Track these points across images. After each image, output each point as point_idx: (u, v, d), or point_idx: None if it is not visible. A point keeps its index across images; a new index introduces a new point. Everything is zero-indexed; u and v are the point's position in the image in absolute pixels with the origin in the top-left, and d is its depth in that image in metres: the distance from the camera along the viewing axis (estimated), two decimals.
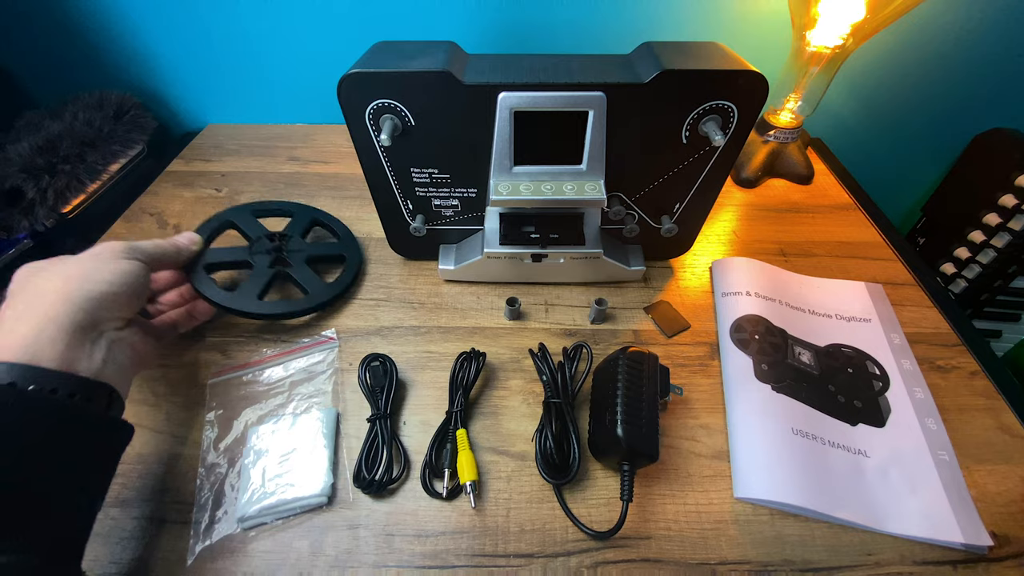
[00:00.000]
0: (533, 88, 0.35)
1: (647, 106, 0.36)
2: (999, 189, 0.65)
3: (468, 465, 0.34)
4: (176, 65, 0.68)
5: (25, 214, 0.52)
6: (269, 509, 0.33)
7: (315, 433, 0.37)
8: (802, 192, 0.62)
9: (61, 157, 0.54)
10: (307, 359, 0.42)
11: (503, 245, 0.44)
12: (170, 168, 0.65)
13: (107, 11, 0.62)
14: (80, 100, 0.60)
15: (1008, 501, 0.34)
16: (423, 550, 0.32)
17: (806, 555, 0.32)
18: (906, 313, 0.47)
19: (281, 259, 0.46)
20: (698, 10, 0.61)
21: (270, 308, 0.43)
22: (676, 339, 0.45)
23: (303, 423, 0.37)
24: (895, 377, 0.41)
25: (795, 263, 0.52)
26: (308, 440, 0.36)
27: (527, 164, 0.39)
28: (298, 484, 0.34)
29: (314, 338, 0.44)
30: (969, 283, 0.72)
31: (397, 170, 0.41)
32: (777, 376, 0.40)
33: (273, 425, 0.37)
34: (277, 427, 0.37)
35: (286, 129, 0.72)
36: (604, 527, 0.32)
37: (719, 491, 0.35)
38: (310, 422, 0.37)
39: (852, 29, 0.51)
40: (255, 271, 0.44)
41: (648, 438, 0.32)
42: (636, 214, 0.45)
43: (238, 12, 0.62)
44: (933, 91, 0.68)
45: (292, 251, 0.47)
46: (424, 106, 0.36)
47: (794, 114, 0.60)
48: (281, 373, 0.41)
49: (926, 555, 0.32)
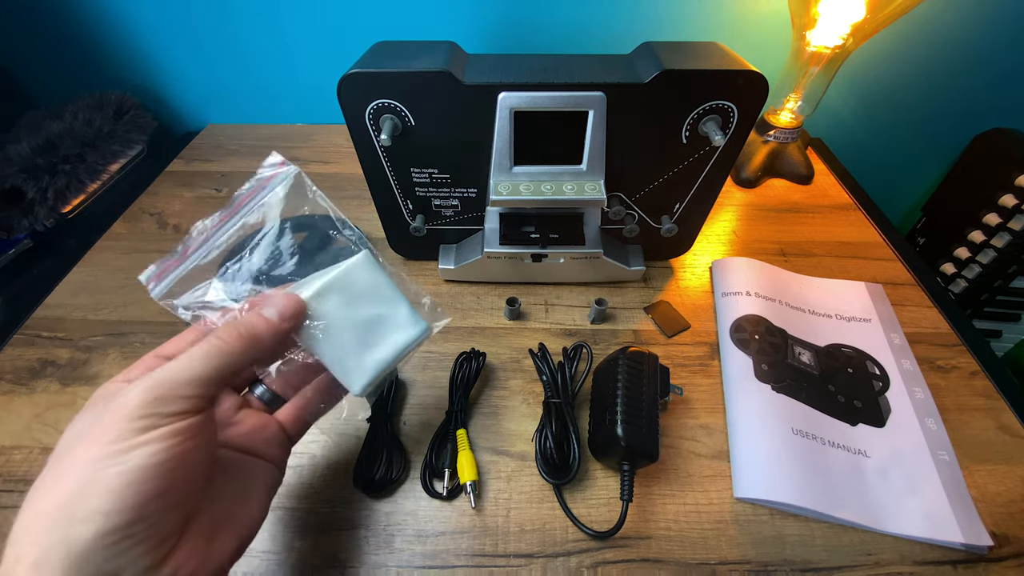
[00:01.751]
0: (533, 88, 0.35)
1: (647, 106, 0.36)
2: (999, 189, 0.65)
3: (468, 465, 0.34)
4: (176, 65, 0.68)
5: (25, 214, 0.52)
6: (383, 363, 0.27)
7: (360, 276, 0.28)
8: (802, 192, 0.62)
9: (61, 157, 0.54)
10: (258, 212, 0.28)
11: (503, 245, 0.44)
12: (170, 168, 0.65)
13: (107, 11, 0.63)
14: (80, 100, 0.60)
15: (1008, 501, 0.34)
16: (423, 550, 0.32)
17: (806, 555, 0.32)
18: (906, 313, 0.47)
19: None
20: (698, 10, 0.61)
21: None
22: (676, 339, 0.45)
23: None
24: (895, 377, 0.41)
25: (795, 263, 0.52)
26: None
27: (527, 164, 0.39)
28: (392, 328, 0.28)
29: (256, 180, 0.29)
30: (969, 283, 0.72)
31: (397, 170, 0.41)
32: (777, 376, 0.40)
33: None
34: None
35: (286, 129, 0.72)
36: (604, 527, 0.32)
37: (719, 491, 0.35)
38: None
39: (852, 29, 0.51)
40: None
41: (648, 438, 0.32)
42: (636, 214, 0.45)
43: (238, 12, 0.62)
44: (933, 91, 0.68)
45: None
46: (424, 106, 0.36)
47: (794, 114, 0.60)
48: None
49: (926, 555, 0.32)
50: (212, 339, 0.21)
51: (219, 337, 0.22)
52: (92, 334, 0.44)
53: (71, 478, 0.18)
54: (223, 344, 0.21)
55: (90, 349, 0.43)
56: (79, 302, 0.47)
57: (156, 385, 0.20)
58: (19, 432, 0.37)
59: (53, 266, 0.51)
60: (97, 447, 0.18)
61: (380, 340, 0.27)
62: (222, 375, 0.21)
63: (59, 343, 0.43)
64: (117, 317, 0.46)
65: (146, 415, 0.19)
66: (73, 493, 0.18)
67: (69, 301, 0.47)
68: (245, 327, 0.22)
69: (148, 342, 0.43)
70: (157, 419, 0.19)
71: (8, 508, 0.34)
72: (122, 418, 0.19)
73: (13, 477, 0.35)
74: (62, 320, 0.45)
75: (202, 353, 0.21)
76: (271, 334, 0.23)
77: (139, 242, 0.54)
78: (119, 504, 0.17)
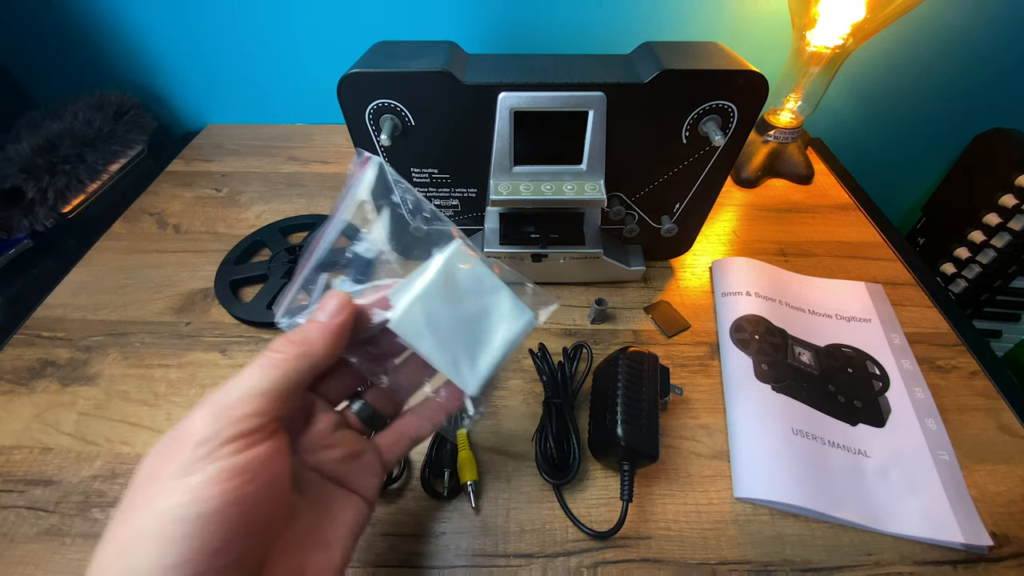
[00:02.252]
0: (533, 88, 0.35)
1: (647, 106, 0.36)
2: (999, 189, 0.65)
3: (468, 465, 0.34)
4: (176, 65, 0.68)
5: (25, 214, 0.52)
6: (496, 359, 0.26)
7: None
8: (802, 192, 0.62)
9: (61, 157, 0.54)
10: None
11: (503, 245, 0.44)
12: (170, 168, 0.65)
13: (107, 11, 0.63)
14: (80, 100, 0.60)
15: (1008, 501, 0.34)
16: (423, 550, 0.32)
17: (806, 555, 0.32)
18: (906, 313, 0.47)
19: (294, 269, 0.48)
20: (698, 10, 0.61)
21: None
22: (676, 339, 0.45)
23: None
24: (895, 377, 0.41)
25: (795, 263, 0.52)
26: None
27: (527, 164, 0.39)
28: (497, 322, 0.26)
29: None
30: (969, 283, 0.72)
31: (397, 170, 0.41)
32: (777, 376, 0.40)
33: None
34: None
35: (286, 129, 0.72)
36: (604, 527, 0.32)
37: (719, 491, 0.35)
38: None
39: (852, 29, 0.51)
40: (269, 283, 0.47)
41: (648, 438, 0.32)
42: (636, 214, 0.45)
43: (238, 12, 0.62)
44: (933, 91, 0.68)
45: None
46: (424, 106, 0.36)
47: (794, 114, 0.60)
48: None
49: (926, 555, 0.32)
50: (265, 352, 0.20)
51: (272, 349, 0.21)
52: (92, 334, 0.44)
53: (134, 518, 0.17)
54: (275, 354, 0.20)
55: (90, 349, 0.43)
56: (79, 302, 0.47)
57: (213, 406, 0.18)
58: (19, 432, 0.37)
59: (53, 266, 0.51)
60: (160, 482, 0.17)
61: (488, 335, 0.26)
62: (278, 387, 0.20)
63: (59, 343, 0.43)
64: (117, 317, 0.46)
65: (205, 440, 0.18)
66: (133, 538, 0.17)
67: (69, 301, 0.47)
68: (296, 334, 0.21)
69: (148, 342, 0.43)
70: (216, 446, 0.18)
71: (8, 508, 0.34)
72: (185, 446, 0.18)
73: (13, 477, 0.35)
74: (62, 320, 0.45)
75: (256, 367, 0.20)
76: (321, 334, 0.21)
77: (139, 242, 0.54)
78: (175, 559, 0.16)
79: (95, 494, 0.34)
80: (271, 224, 0.54)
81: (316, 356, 0.21)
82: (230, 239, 0.52)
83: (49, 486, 0.35)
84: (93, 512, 0.33)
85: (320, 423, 0.24)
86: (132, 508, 0.17)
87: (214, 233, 0.55)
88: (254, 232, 0.53)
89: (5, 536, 0.32)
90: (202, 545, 0.16)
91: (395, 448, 0.26)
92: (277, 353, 0.20)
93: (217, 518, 0.17)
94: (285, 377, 0.20)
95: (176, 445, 0.18)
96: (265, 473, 0.19)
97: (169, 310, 0.46)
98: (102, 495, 0.34)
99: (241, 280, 0.48)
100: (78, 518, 0.33)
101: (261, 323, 0.44)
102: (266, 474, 0.19)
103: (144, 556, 0.16)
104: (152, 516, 0.17)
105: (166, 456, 0.18)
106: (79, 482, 0.35)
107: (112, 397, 0.40)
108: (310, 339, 0.21)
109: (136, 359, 0.42)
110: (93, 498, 0.34)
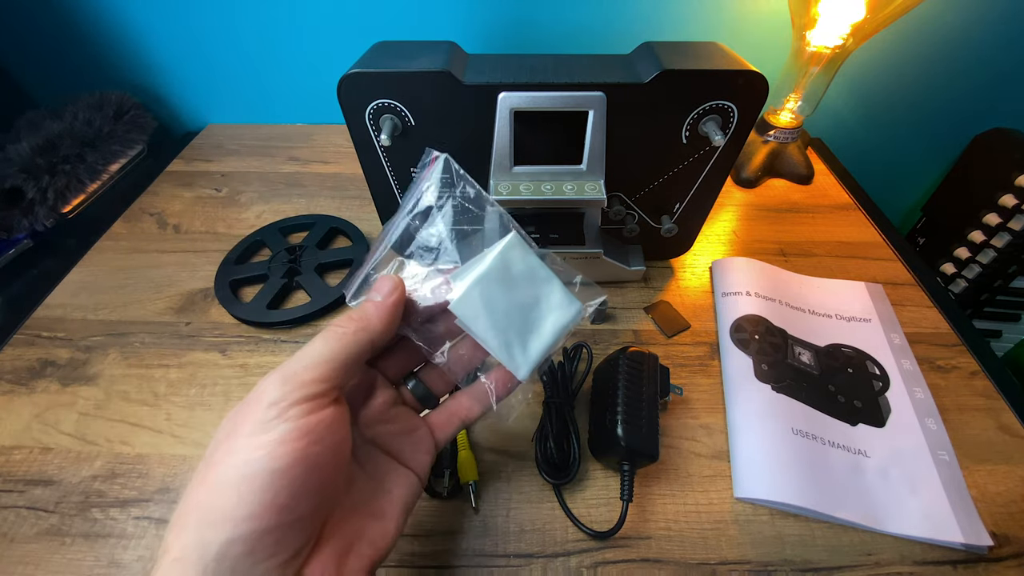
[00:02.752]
0: (533, 88, 0.35)
1: (647, 106, 0.36)
2: (999, 189, 0.65)
3: (468, 465, 0.34)
4: (176, 65, 0.68)
5: (25, 214, 0.52)
6: (546, 347, 0.27)
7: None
8: (802, 192, 0.62)
9: (61, 157, 0.54)
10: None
11: None
12: (170, 168, 0.65)
13: (107, 11, 0.63)
14: (80, 100, 0.60)
15: (1008, 501, 0.34)
16: (423, 550, 0.32)
17: (806, 555, 0.32)
18: (906, 313, 0.47)
19: (294, 269, 0.49)
20: (698, 10, 0.61)
21: (277, 316, 0.45)
22: (676, 339, 0.45)
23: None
24: (895, 377, 0.41)
25: (795, 263, 0.52)
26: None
27: (527, 164, 0.39)
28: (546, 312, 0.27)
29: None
30: (969, 283, 0.72)
31: (397, 170, 0.41)
32: (777, 376, 0.40)
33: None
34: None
35: (286, 129, 0.72)
36: (604, 527, 0.32)
37: (719, 491, 0.35)
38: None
39: (852, 29, 0.51)
40: (269, 283, 0.47)
41: (648, 438, 0.32)
42: (636, 214, 0.45)
43: (238, 12, 0.62)
44: (933, 91, 0.68)
45: (305, 261, 0.49)
46: (424, 106, 0.36)
47: (794, 114, 0.60)
48: None
49: (926, 555, 0.32)
50: (330, 326, 0.23)
51: (335, 324, 0.23)
52: (92, 334, 0.44)
53: (213, 473, 0.19)
54: (338, 328, 0.23)
55: (90, 349, 0.43)
56: (79, 302, 0.47)
57: (283, 372, 0.20)
58: (19, 432, 0.37)
59: (53, 266, 0.51)
60: (239, 439, 0.19)
61: (539, 323, 0.27)
62: (340, 357, 0.22)
63: (59, 343, 0.43)
64: (117, 317, 0.46)
65: (276, 402, 0.19)
66: (211, 492, 0.18)
67: (69, 301, 0.47)
68: (356, 312, 0.24)
69: (148, 342, 0.43)
70: (286, 407, 0.19)
71: (8, 508, 0.34)
72: (258, 407, 0.20)
73: (13, 477, 0.35)
74: (62, 320, 0.45)
75: (320, 339, 0.22)
76: (377, 311, 0.24)
77: (139, 242, 0.54)
78: (246, 511, 0.18)
79: (95, 494, 0.34)
80: (271, 224, 0.54)
81: (374, 331, 0.23)
82: (230, 239, 0.52)
83: (49, 486, 0.35)
84: (93, 512, 0.33)
85: (379, 398, 0.26)
86: (214, 462, 0.19)
87: (214, 233, 0.55)
88: (254, 232, 0.53)
89: (5, 536, 0.32)
90: (271, 500, 0.18)
91: (446, 428, 0.28)
92: (340, 327, 0.23)
93: (287, 475, 0.18)
94: (346, 349, 0.22)
95: (250, 406, 0.20)
96: (328, 436, 0.20)
97: (169, 310, 0.46)
98: (102, 495, 0.34)
99: (241, 280, 0.48)
100: (78, 518, 0.33)
101: (261, 323, 0.44)
102: (329, 437, 0.20)
103: (221, 505, 0.18)
104: (231, 469, 0.18)
105: (242, 415, 0.20)
106: (79, 482, 0.35)
107: (112, 397, 0.40)
108: (368, 316, 0.23)
109: (136, 359, 0.42)
110: (93, 498, 0.34)
